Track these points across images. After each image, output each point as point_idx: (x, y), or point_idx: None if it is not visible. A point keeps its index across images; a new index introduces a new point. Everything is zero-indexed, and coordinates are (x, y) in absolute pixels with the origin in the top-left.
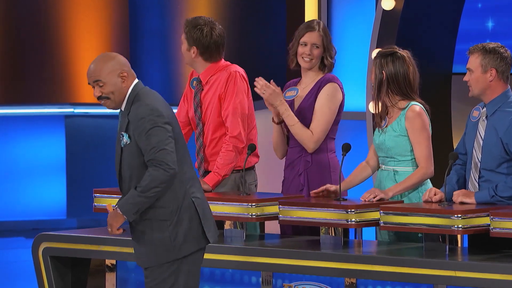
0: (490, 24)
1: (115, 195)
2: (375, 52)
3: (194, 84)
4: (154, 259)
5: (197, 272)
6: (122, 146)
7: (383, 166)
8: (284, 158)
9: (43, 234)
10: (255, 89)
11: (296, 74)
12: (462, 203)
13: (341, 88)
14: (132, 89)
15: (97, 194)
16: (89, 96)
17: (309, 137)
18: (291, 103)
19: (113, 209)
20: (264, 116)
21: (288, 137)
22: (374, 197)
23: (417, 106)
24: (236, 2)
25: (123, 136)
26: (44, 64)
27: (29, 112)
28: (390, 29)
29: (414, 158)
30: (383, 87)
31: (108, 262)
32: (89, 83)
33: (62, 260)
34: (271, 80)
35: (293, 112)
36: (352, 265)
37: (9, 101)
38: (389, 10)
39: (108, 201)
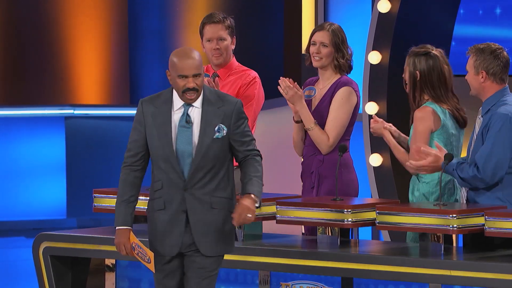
0: (487, 27)
1: (115, 196)
2: (371, 55)
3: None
4: (223, 248)
5: None
6: (217, 137)
7: None
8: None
9: (44, 234)
10: (278, 87)
11: (295, 73)
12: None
13: (356, 91)
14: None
15: (97, 194)
16: (89, 97)
17: (325, 141)
18: (308, 103)
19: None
20: (264, 116)
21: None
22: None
23: (428, 107)
24: (234, 3)
25: (223, 129)
26: (44, 65)
27: (29, 113)
28: (386, 32)
29: None
30: (417, 86)
31: (108, 261)
32: (186, 76)
33: (62, 259)
34: (295, 83)
35: (310, 111)
36: (349, 265)
37: (10, 102)
38: (385, 13)
39: (108, 201)
